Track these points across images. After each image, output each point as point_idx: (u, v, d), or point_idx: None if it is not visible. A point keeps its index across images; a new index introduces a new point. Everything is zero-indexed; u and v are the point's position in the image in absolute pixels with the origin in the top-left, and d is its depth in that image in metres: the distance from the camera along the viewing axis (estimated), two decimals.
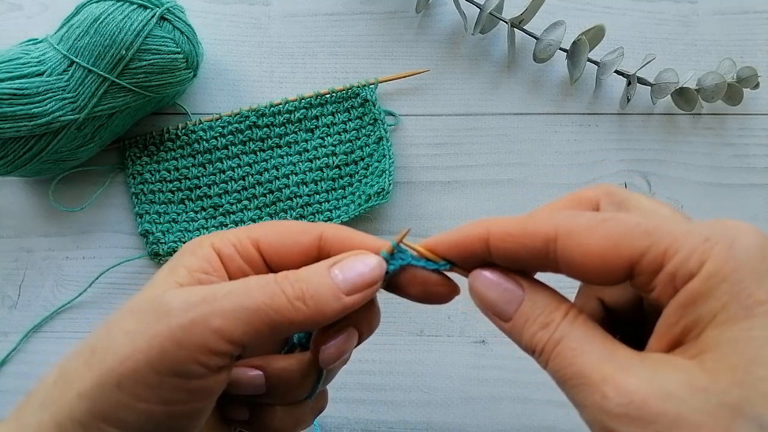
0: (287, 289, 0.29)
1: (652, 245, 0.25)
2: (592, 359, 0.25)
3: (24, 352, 0.57)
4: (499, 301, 0.29)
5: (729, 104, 0.60)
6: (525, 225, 0.28)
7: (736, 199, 0.59)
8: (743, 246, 0.24)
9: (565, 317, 0.27)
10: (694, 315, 0.24)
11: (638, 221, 0.26)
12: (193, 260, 0.31)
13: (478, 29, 0.59)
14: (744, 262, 0.23)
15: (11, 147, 0.51)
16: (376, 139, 0.59)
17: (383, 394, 0.56)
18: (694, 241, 0.24)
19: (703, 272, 0.24)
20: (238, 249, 0.32)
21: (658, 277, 0.25)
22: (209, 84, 0.62)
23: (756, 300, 0.23)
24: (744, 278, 0.23)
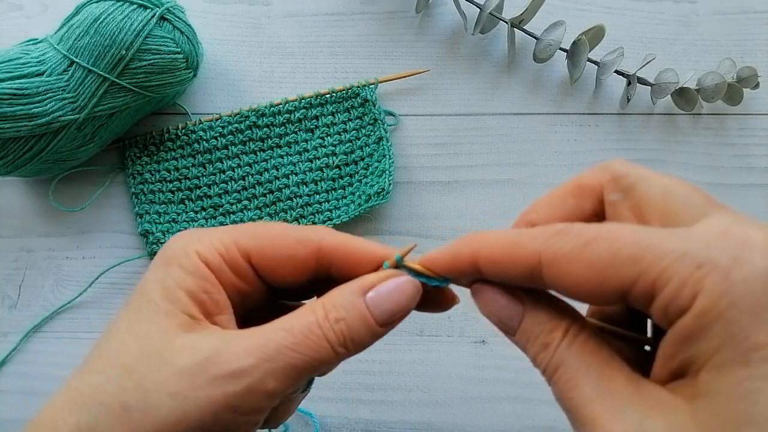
0: (331, 336, 0.28)
1: (640, 275, 0.22)
2: (584, 394, 0.24)
3: (24, 352, 0.57)
4: (501, 316, 0.28)
5: (729, 104, 0.60)
6: (509, 251, 0.26)
7: (736, 199, 0.59)
8: (743, 274, 0.20)
9: (564, 339, 0.26)
10: (689, 353, 0.22)
11: (624, 244, 0.23)
12: (187, 279, 0.29)
13: (478, 29, 0.59)
14: (742, 295, 0.20)
15: (11, 147, 0.51)
16: (376, 139, 0.59)
17: (383, 394, 0.56)
18: (686, 269, 0.21)
19: (695, 308, 0.21)
20: (227, 260, 0.30)
21: (651, 307, 0.23)
22: (209, 84, 0.62)
23: (753, 343, 0.20)
24: (740, 317, 0.20)
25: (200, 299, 0.29)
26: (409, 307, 0.30)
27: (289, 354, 0.27)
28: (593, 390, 0.24)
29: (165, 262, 0.30)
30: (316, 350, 0.28)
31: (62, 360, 0.56)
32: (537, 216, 0.30)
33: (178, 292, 0.29)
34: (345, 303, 0.29)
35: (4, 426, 0.55)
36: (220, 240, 0.30)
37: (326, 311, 0.29)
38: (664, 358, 0.23)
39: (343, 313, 0.29)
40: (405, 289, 0.30)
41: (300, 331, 0.28)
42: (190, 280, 0.29)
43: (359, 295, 0.29)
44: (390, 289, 0.29)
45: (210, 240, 0.30)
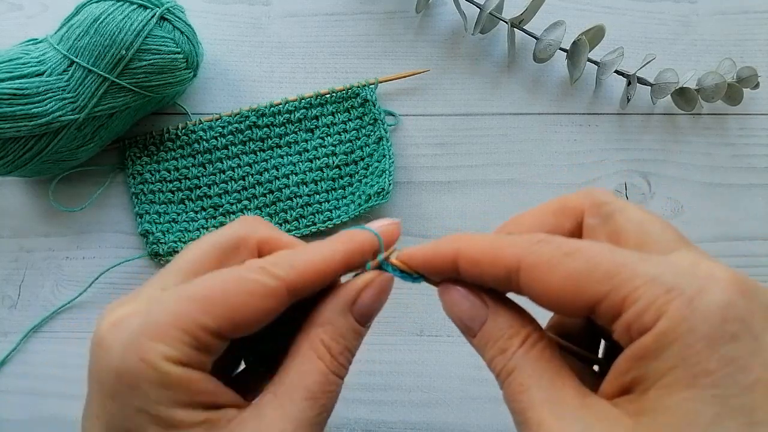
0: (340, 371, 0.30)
1: (611, 290, 0.24)
2: (534, 399, 0.25)
3: (24, 352, 0.57)
4: (464, 317, 0.29)
5: (729, 104, 0.60)
6: (491, 252, 0.27)
7: (736, 199, 0.59)
8: (705, 304, 0.22)
9: (522, 345, 0.27)
10: (643, 370, 0.23)
11: (601, 260, 0.24)
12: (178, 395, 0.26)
13: (478, 29, 0.59)
14: (700, 323, 0.22)
15: (11, 147, 0.51)
16: (376, 139, 0.59)
17: (383, 394, 0.56)
18: (655, 292, 0.23)
19: (656, 328, 0.22)
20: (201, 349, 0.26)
21: (616, 322, 0.24)
22: (209, 84, 0.62)
23: (703, 369, 0.21)
24: (696, 343, 0.22)
25: (199, 402, 0.26)
26: (386, 298, 0.31)
27: (320, 420, 0.28)
28: (543, 396, 0.25)
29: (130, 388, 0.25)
30: (336, 395, 0.29)
31: (62, 360, 0.57)
32: (517, 229, 0.31)
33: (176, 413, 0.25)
34: (340, 329, 0.30)
35: (4, 426, 0.55)
36: (178, 328, 0.26)
37: (329, 348, 0.29)
38: (616, 373, 0.24)
39: (343, 342, 0.29)
40: (386, 288, 0.31)
41: (320, 390, 0.28)
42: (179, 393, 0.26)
43: (347, 311, 0.30)
44: (374, 294, 0.30)
45: (165, 333, 0.25)
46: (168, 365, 0.25)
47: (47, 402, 0.56)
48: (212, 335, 0.26)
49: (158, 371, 0.25)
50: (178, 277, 0.29)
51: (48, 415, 0.55)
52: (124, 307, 0.27)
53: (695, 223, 0.59)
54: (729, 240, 0.58)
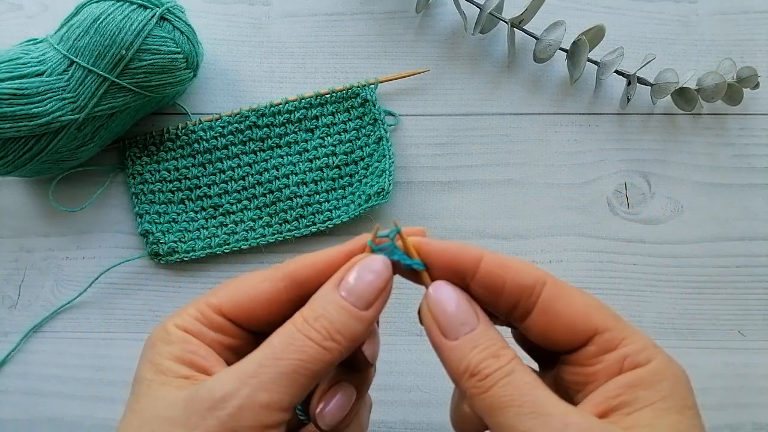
0: (312, 334, 0.29)
1: (616, 328, 0.30)
2: (547, 394, 0.28)
3: (24, 352, 0.57)
4: (453, 319, 0.30)
5: (729, 104, 0.60)
6: (521, 264, 0.31)
7: (736, 199, 0.59)
8: (678, 365, 0.30)
9: (515, 358, 0.29)
10: (635, 395, 0.28)
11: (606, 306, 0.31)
12: (171, 348, 0.30)
13: (478, 29, 0.59)
14: (680, 374, 0.29)
15: (11, 147, 0.51)
16: (376, 139, 0.59)
17: (383, 394, 0.56)
18: (646, 342, 0.30)
19: (650, 366, 0.29)
20: (204, 321, 0.31)
21: (609, 354, 0.29)
22: (209, 84, 0.62)
23: (687, 404, 0.28)
24: (679, 385, 0.29)
25: (189, 360, 0.30)
26: (384, 282, 0.31)
27: (273, 364, 0.28)
28: (554, 396, 0.28)
29: (149, 345, 0.31)
30: (301, 351, 0.28)
31: (62, 360, 0.57)
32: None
33: (165, 362, 0.30)
34: (320, 301, 0.30)
35: (4, 426, 0.55)
36: (194, 307, 0.32)
37: (303, 316, 0.30)
38: (603, 398, 0.29)
39: (320, 311, 0.30)
40: (373, 267, 0.31)
41: (280, 342, 0.29)
42: (174, 348, 0.30)
43: (333, 289, 0.30)
44: (359, 273, 0.30)
45: (185, 311, 0.32)
46: (173, 328, 0.31)
47: (47, 402, 0.56)
48: (215, 311, 0.31)
49: (166, 331, 0.31)
50: None
51: (48, 415, 0.55)
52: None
53: (695, 223, 0.59)
54: (729, 240, 0.58)
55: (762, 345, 0.56)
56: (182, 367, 0.30)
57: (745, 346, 0.56)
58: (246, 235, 0.58)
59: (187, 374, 0.30)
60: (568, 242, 0.58)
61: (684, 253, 0.58)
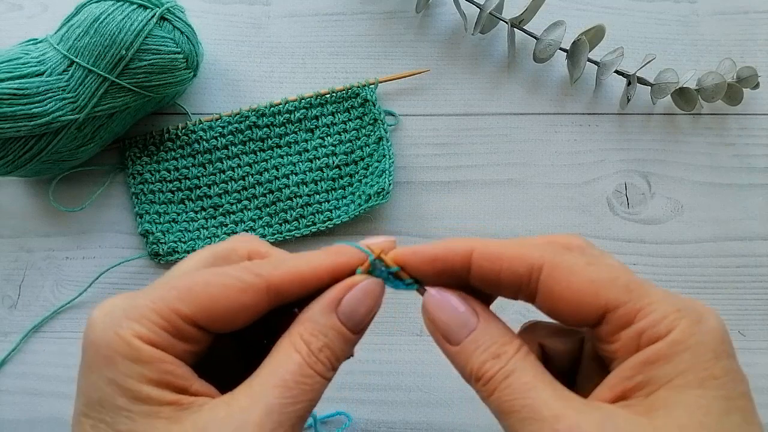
0: (319, 367, 0.28)
1: (629, 301, 0.27)
2: (544, 396, 0.26)
3: (24, 352, 0.57)
4: (452, 323, 0.29)
5: (729, 104, 0.60)
6: (514, 249, 0.28)
7: (736, 199, 0.59)
8: (709, 325, 0.26)
9: (518, 352, 0.28)
10: (651, 374, 0.26)
11: (620, 274, 0.27)
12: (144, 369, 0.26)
13: (478, 29, 0.59)
14: (707, 339, 0.26)
15: (11, 147, 0.51)
16: (376, 139, 0.59)
17: (383, 394, 0.56)
18: (667, 308, 0.26)
19: (669, 338, 0.26)
20: (173, 332, 0.27)
21: (624, 331, 0.27)
22: (209, 84, 0.62)
23: (711, 374, 0.25)
24: (704, 353, 0.26)
25: (167, 382, 0.27)
26: (377, 308, 0.30)
27: (292, 410, 0.27)
28: (552, 393, 0.26)
29: (105, 360, 0.26)
30: (313, 389, 0.28)
31: (62, 360, 0.57)
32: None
33: (141, 388, 0.26)
34: (321, 326, 0.29)
35: (4, 426, 0.55)
36: (154, 311, 0.27)
37: (307, 343, 0.29)
38: (619, 379, 0.27)
39: (323, 339, 0.29)
40: (372, 292, 0.30)
41: (293, 380, 0.27)
42: (147, 369, 0.26)
43: (331, 312, 0.29)
44: (359, 297, 0.30)
45: (142, 314, 0.27)
46: (139, 343, 0.26)
47: (47, 402, 0.56)
48: (187, 322, 0.27)
49: (129, 346, 0.26)
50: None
51: (48, 415, 0.55)
52: (115, 299, 0.28)
53: (695, 223, 0.59)
54: (729, 240, 0.58)
55: (762, 345, 0.56)
56: (163, 392, 0.26)
57: (745, 346, 0.56)
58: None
59: (172, 399, 0.27)
60: None
61: (684, 253, 0.58)
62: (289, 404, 0.27)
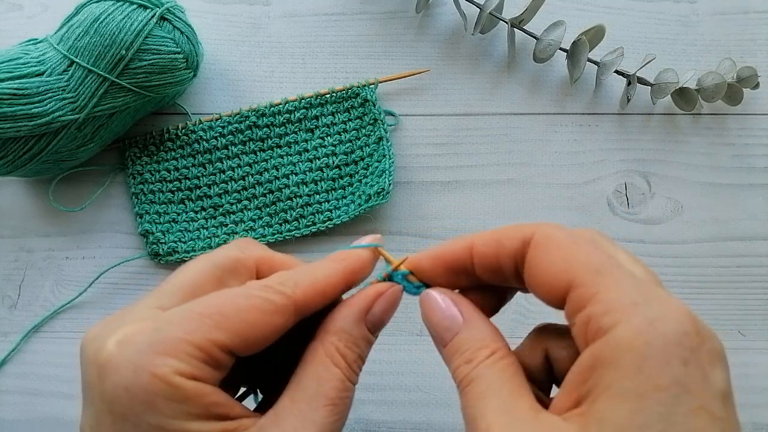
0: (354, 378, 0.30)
1: (590, 283, 0.24)
2: (488, 407, 0.26)
3: (24, 352, 0.57)
4: (439, 326, 0.30)
5: (729, 104, 0.60)
6: (505, 230, 0.29)
7: (736, 199, 0.59)
8: (665, 325, 0.22)
9: (488, 358, 0.28)
10: (595, 378, 0.23)
11: (599, 259, 0.25)
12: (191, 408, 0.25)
13: (478, 29, 0.59)
14: (658, 339, 0.22)
15: (11, 147, 0.51)
16: (376, 139, 0.59)
17: (383, 394, 0.56)
18: (622, 300, 0.23)
19: (613, 332, 0.23)
20: (210, 363, 0.26)
21: (578, 315, 0.25)
22: (209, 84, 0.62)
23: (654, 384, 0.21)
24: (651, 356, 0.22)
25: (214, 414, 0.26)
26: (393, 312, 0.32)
27: (338, 426, 0.29)
28: (497, 405, 0.26)
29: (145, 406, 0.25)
30: (350, 401, 0.30)
31: (62, 360, 0.57)
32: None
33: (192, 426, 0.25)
34: (354, 337, 0.30)
35: (4, 426, 0.55)
36: (191, 344, 0.26)
37: (344, 356, 0.30)
38: (572, 385, 0.24)
39: (357, 351, 0.30)
40: (396, 300, 0.32)
41: (338, 397, 0.29)
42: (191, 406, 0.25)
43: (361, 322, 0.31)
44: (386, 304, 0.31)
45: (177, 348, 0.25)
46: (180, 379, 0.25)
47: (47, 402, 0.56)
48: (224, 351, 0.27)
49: (171, 386, 0.25)
50: (175, 296, 0.29)
51: (47, 415, 0.55)
52: (125, 327, 0.26)
53: (695, 223, 0.59)
54: (729, 240, 0.58)
55: (762, 345, 0.56)
56: (209, 423, 0.26)
57: (745, 346, 0.56)
58: (246, 235, 0.58)
59: (221, 428, 0.26)
60: None
61: (684, 253, 0.58)
62: (336, 421, 0.28)
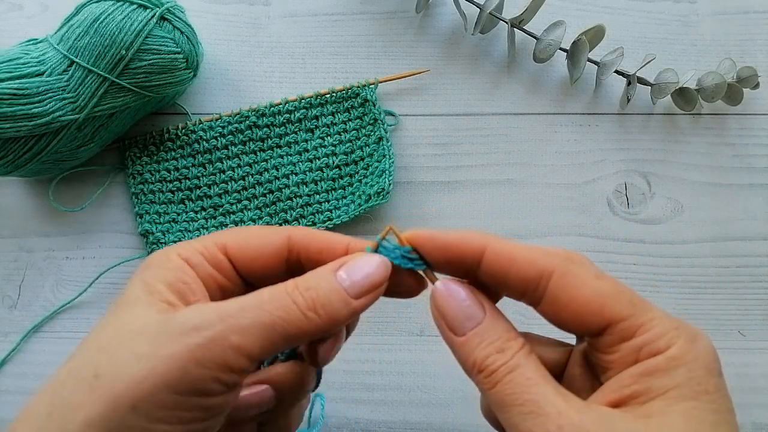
0: (299, 299, 0.29)
1: (632, 315, 0.28)
2: (547, 392, 0.27)
3: (24, 352, 0.57)
4: (459, 315, 0.31)
5: (729, 104, 0.60)
6: (526, 254, 0.30)
7: (736, 199, 0.59)
8: (702, 345, 0.29)
9: (522, 349, 0.29)
10: (648, 384, 0.27)
11: (624, 290, 0.29)
12: (167, 274, 0.31)
13: (478, 29, 0.59)
14: (701, 357, 0.28)
15: (11, 147, 0.51)
16: (376, 139, 0.59)
17: (383, 394, 0.56)
18: (666, 326, 0.28)
19: (668, 353, 0.28)
20: (206, 256, 0.32)
21: (625, 343, 0.28)
22: (209, 84, 0.62)
23: (704, 389, 0.27)
24: (698, 369, 0.28)
25: (178, 288, 0.30)
26: (380, 279, 0.31)
27: (254, 312, 0.28)
28: (554, 390, 0.28)
29: (146, 266, 0.32)
30: (284, 310, 0.29)
31: (62, 360, 0.56)
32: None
33: (156, 285, 0.30)
34: (315, 277, 0.31)
35: (4, 426, 0.55)
36: (200, 242, 0.32)
37: (296, 283, 0.30)
38: (617, 385, 0.28)
39: (312, 284, 0.30)
40: (373, 263, 0.31)
41: (268, 294, 0.29)
42: (168, 273, 0.31)
43: (330, 272, 0.31)
44: (359, 264, 0.31)
45: (191, 244, 0.32)
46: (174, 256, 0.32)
47: None
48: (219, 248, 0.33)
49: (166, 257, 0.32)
50: None
51: None
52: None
53: (695, 223, 0.59)
54: (729, 240, 0.58)
55: (762, 345, 0.56)
56: (170, 293, 0.30)
57: (745, 346, 0.56)
58: None
59: (173, 301, 0.30)
60: (568, 242, 0.58)
61: (684, 253, 0.58)
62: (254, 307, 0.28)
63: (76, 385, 0.27)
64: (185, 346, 0.27)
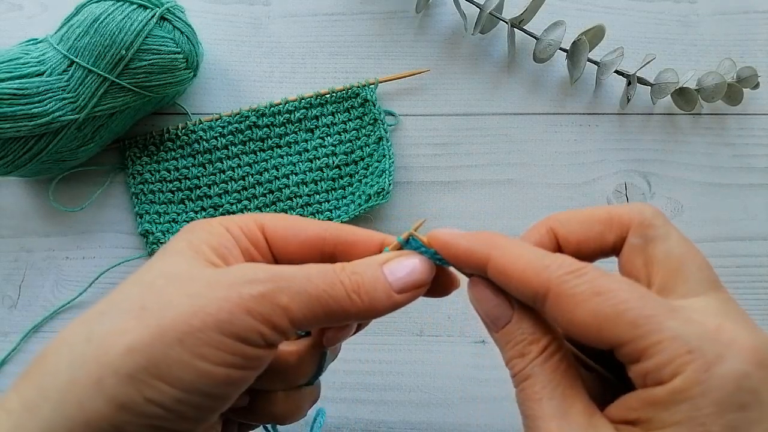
0: (345, 280, 0.30)
1: (634, 339, 0.25)
2: (546, 411, 0.27)
3: (24, 352, 0.57)
4: (490, 313, 0.31)
5: (729, 104, 0.60)
6: (521, 273, 0.28)
7: (736, 199, 0.59)
8: (721, 371, 0.24)
9: (541, 354, 0.29)
10: (651, 414, 0.25)
11: (629, 307, 0.26)
12: (210, 238, 0.31)
13: (478, 29, 0.59)
14: (714, 389, 0.24)
15: (11, 147, 0.51)
16: (376, 139, 0.59)
17: (383, 394, 0.56)
18: (676, 350, 0.24)
19: (670, 385, 0.24)
20: (245, 231, 0.33)
21: (631, 366, 0.26)
22: (209, 84, 0.62)
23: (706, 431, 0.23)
24: (706, 406, 0.23)
25: (222, 253, 0.31)
26: (423, 280, 0.32)
27: (303, 281, 0.29)
28: (553, 409, 0.27)
29: (190, 229, 0.33)
30: (330, 286, 0.29)
31: None
32: (561, 228, 0.32)
33: (201, 246, 0.31)
34: (362, 264, 0.31)
35: None
36: (240, 218, 0.34)
37: (343, 266, 0.31)
38: (625, 406, 0.26)
39: (359, 271, 0.31)
40: (419, 264, 0.32)
41: (316, 270, 0.30)
42: (213, 238, 0.32)
43: (377, 264, 0.31)
44: (405, 260, 0.32)
45: (232, 218, 0.33)
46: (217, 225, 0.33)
47: None
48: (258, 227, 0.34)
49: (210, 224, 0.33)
50: None
51: None
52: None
53: (695, 223, 0.59)
54: (729, 240, 0.58)
55: None
56: (214, 256, 0.31)
57: None
58: None
59: (216, 262, 0.31)
60: None
61: None
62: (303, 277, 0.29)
63: (120, 314, 0.28)
64: (237, 294, 0.27)
